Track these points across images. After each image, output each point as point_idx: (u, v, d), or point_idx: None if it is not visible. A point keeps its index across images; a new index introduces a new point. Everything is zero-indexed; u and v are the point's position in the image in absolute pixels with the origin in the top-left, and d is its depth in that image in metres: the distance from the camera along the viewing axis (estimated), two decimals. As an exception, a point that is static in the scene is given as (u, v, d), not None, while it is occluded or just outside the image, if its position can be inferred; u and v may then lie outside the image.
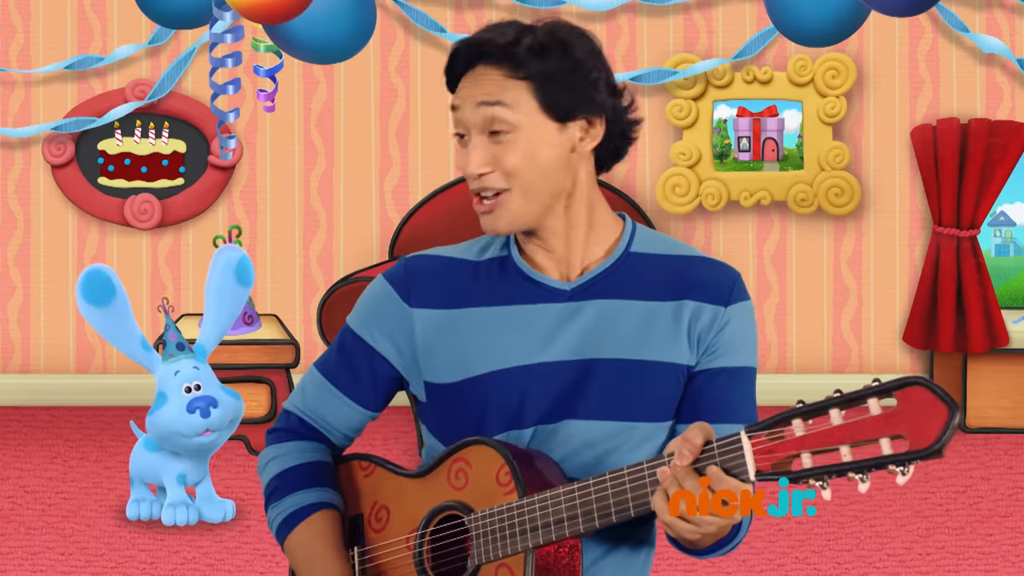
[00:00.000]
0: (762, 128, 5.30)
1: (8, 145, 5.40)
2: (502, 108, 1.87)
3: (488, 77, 1.89)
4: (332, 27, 4.21)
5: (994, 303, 5.06)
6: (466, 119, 1.89)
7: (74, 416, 5.24)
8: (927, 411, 1.41)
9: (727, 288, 1.93)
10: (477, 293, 1.92)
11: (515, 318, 1.90)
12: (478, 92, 1.88)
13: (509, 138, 1.87)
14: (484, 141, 1.88)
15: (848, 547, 3.92)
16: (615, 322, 1.87)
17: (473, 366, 1.89)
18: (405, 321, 1.94)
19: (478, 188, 1.88)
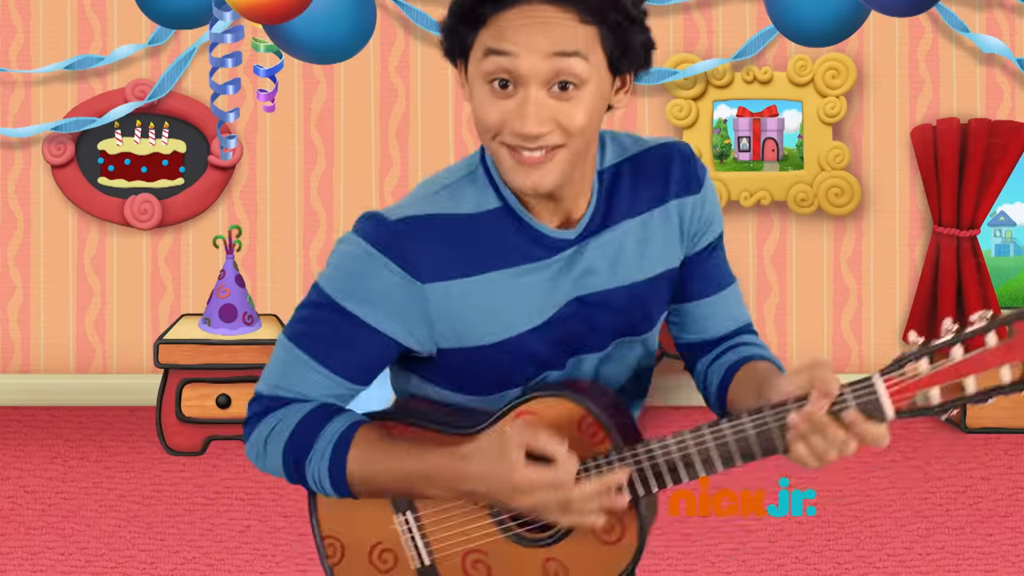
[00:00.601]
0: (762, 128, 5.30)
1: (8, 145, 5.40)
2: (579, 60, 1.66)
3: (557, 19, 1.66)
4: (332, 27, 4.21)
5: (994, 303, 5.06)
6: (523, 68, 1.66)
7: (74, 416, 5.24)
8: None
9: (692, 171, 1.88)
10: (489, 254, 1.77)
11: (534, 275, 1.78)
12: (549, 39, 1.65)
13: (577, 93, 1.68)
14: (544, 95, 1.68)
15: (848, 547, 3.92)
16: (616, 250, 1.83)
17: (500, 330, 1.77)
18: (417, 299, 1.75)
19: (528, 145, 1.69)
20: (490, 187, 1.79)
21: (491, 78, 1.68)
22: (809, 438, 1.63)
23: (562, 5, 1.65)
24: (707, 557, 3.80)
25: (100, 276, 5.43)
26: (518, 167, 1.70)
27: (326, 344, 1.78)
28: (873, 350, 5.40)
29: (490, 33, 1.67)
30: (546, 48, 1.64)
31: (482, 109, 1.70)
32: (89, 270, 5.43)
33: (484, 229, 1.77)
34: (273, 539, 3.99)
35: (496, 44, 1.66)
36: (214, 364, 4.76)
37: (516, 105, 1.67)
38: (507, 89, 1.67)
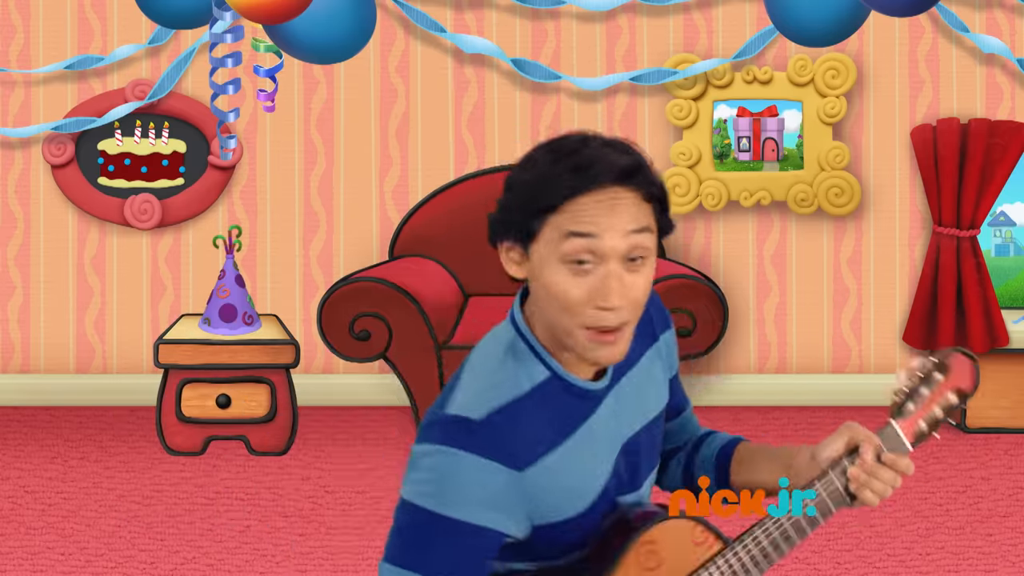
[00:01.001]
0: (762, 128, 5.30)
1: (8, 145, 5.40)
2: (648, 235, 1.84)
3: (627, 200, 1.81)
4: (332, 27, 4.21)
5: (994, 303, 5.06)
6: (605, 247, 1.79)
7: (74, 416, 5.23)
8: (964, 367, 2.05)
9: (662, 308, 2.10)
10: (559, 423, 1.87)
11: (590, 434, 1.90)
12: (625, 219, 1.80)
13: (644, 264, 1.85)
14: (621, 270, 1.82)
15: (848, 547, 3.92)
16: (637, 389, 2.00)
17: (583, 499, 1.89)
18: (519, 487, 1.82)
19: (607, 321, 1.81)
20: (536, 360, 1.88)
21: (572, 259, 1.79)
22: (871, 483, 1.97)
23: (630, 186, 1.81)
24: (707, 557, 3.80)
25: (100, 276, 5.43)
26: (598, 345, 1.83)
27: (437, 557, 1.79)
28: (873, 350, 5.40)
29: (567, 217, 1.79)
30: (624, 227, 1.79)
31: (561, 289, 1.80)
32: (89, 270, 5.43)
33: (543, 402, 1.86)
34: (273, 539, 3.99)
35: (577, 227, 1.78)
36: (214, 364, 4.76)
37: (598, 281, 1.79)
38: (584, 266, 1.79)
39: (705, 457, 2.15)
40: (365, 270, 5.03)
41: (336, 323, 4.71)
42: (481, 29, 5.37)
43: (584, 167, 1.79)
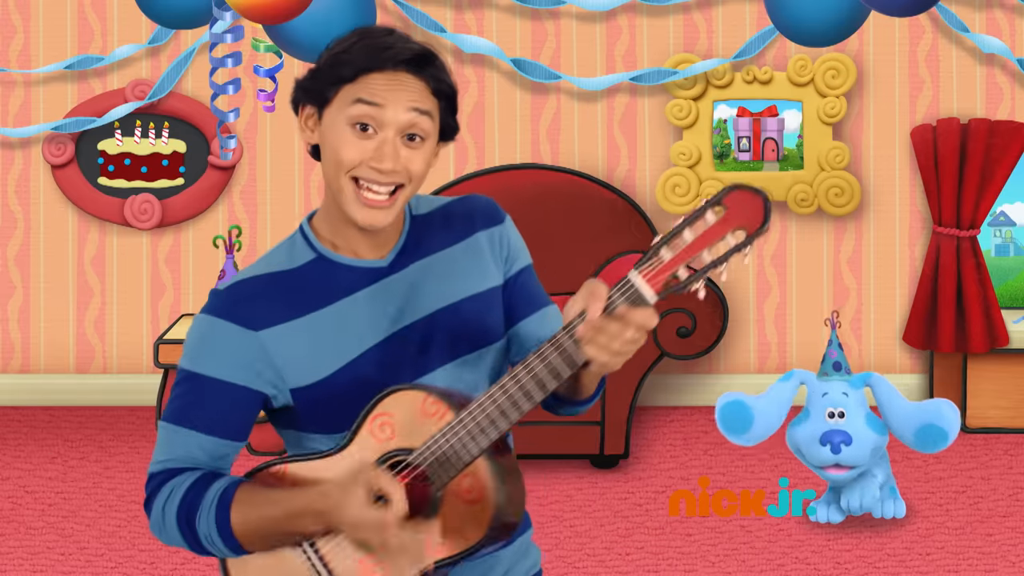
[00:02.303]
0: (762, 128, 5.30)
1: (8, 145, 5.40)
2: (428, 119, 2.03)
3: (414, 86, 2.02)
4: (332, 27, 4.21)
5: (994, 303, 5.06)
6: (387, 116, 1.99)
7: (74, 416, 5.24)
8: (749, 204, 1.85)
9: (492, 210, 2.21)
10: (311, 298, 2.05)
11: (353, 306, 2.05)
12: (411, 97, 2.01)
13: (421, 145, 2.03)
14: (398, 141, 2.01)
15: (848, 547, 3.92)
16: (433, 276, 2.10)
17: (334, 359, 2.02)
18: (257, 347, 2.01)
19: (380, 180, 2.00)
20: (305, 245, 2.09)
21: (356, 121, 2.01)
22: (596, 338, 1.88)
23: (419, 76, 2.03)
24: (707, 557, 3.79)
25: (100, 276, 5.43)
26: (362, 205, 2.02)
27: (193, 410, 2.01)
28: (873, 350, 5.40)
29: (358, 87, 2.01)
30: (407, 104, 2.01)
31: (342, 147, 2.02)
32: (89, 270, 5.43)
33: (303, 278, 2.06)
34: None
35: (366, 96, 2.01)
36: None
37: (376, 145, 2.00)
38: (367, 132, 2.01)
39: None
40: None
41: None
42: (481, 29, 5.37)
43: (381, 48, 2.02)
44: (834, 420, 3.99)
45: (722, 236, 1.85)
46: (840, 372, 4.07)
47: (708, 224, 1.85)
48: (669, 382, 5.36)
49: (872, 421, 4.02)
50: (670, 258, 1.86)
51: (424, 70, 2.04)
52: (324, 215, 2.11)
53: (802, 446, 3.99)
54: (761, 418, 3.99)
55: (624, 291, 1.89)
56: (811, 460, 3.99)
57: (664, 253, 1.86)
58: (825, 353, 4.14)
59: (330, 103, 2.05)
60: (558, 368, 1.91)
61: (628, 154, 5.39)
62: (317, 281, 2.06)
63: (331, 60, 2.04)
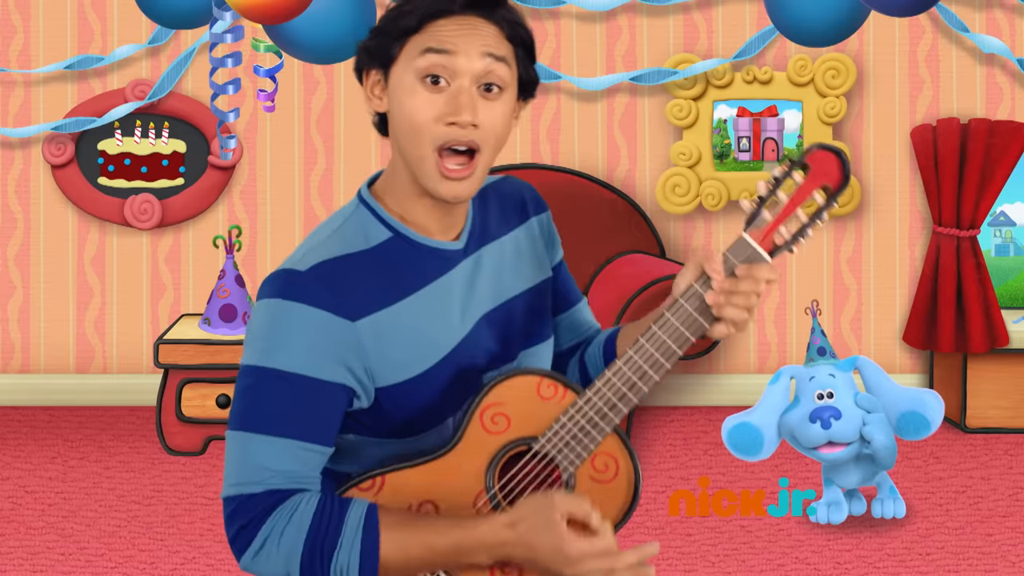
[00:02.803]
0: (762, 128, 5.30)
1: (8, 145, 5.40)
2: (505, 66, 1.85)
3: (487, 31, 1.85)
4: (332, 27, 4.21)
5: (994, 303, 5.06)
6: (459, 64, 1.82)
7: (74, 416, 5.24)
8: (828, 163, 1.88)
9: (535, 196, 2.10)
10: (399, 281, 1.85)
11: (441, 293, 1.89)
12: (484, 42, 1.83)
13: (500, 96, 1.86)
14: (475, 92, 1.84)
15: (848, 547, 3.92)
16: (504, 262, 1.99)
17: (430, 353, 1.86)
18: (353, 339, 1.79)
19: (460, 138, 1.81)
20: (376, 220, 1.88)
21: (426, 74, 1.82)
22: (732, 299, 1.88)
23: (491, 20, 1.85)
24: (707, 557, 3.79)
25: (100, 276, 5.43)
26: (443, 179, 1.83)
27: (275, 413, 1.75)
28: (873, 350, 5.40)
29: (425, 37, 1.83)
30: (480, 49, 1.82)
31: (413, 106, 1.82)
32: (89, 270, 5.43)
33: (384, 260, 1.85)
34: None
35: (435, 43, 1.81)
36: (214, 364, 4.76)
37: (450, 97, 1.81)
38: (439, 84, 1.81)
39: (594, 353, 2.12)
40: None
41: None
42: (481, 29, 5.37)
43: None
44: (823, 401, 4.01)
45: (810, 194, 1.89)
46: (825, 356, 4.10)
47: (796, 184, 1.89)
48: (669, 382, 5.36)
49: (861, 398, 4.03)
50: (772, 218, 1.90)
51: (495, 12, 1.87)
52: (390, 185, 1.91)
53: (795, 430, 4.00)
54: (768, 431, 4.00)
55: (740, 252, 1.90)
56: (804, 442, 3.99)
57: (765, 214, 1.90)
58: (809, 341, 4.17)
59: (396, 60, 1.85)
60: (687, 334, 1.88)
61: (628, 154, 5.39)
62: (402, 263, 1.87)
63: (394, 13, 1.87)
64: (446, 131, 1.81)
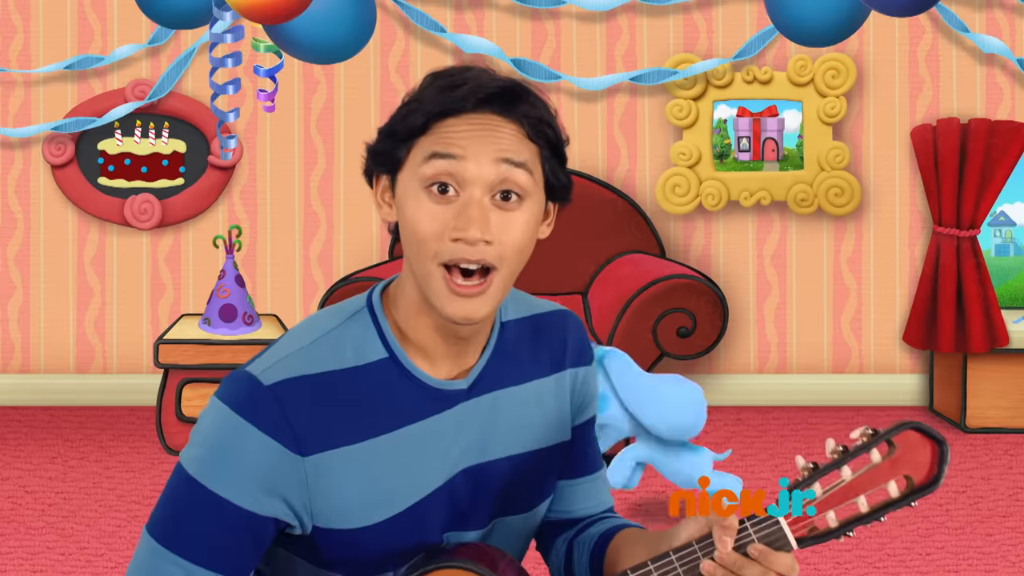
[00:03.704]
0: (762, 128, 5.30)
1: (8, 145, 5.40)
2: (524, 172, 1.60)
3: (505, 130, 1.61)
4: (332, 27, 4.21)
5: (994, 303, 5.06)
6: (469, 172, 1.58)
7: (74, 416, 5.23)
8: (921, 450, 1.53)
9: (585, 343, 1.83)
10: (373, 415, 1.62)
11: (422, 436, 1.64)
12: (497, 146, 1.59)
13: (519, 206, 1.61)
14: (487, 202, 1.59)
15: (848, 547, 3.92)
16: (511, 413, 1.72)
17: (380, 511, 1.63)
18: (299, 474, 1.58)
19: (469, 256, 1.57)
20: (375, 334, 1.65)
21: (432, 182, 1.59)
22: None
23: (509, 117, 1.61)
24: (707, 557, 3.79)
25: (100, 276, 5.43)
26: (452, 296, 1.59)
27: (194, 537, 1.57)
28: (873, 350, 5.40)
29: (432, 139, 1.60)
30: (494, 153, 1.58)
31: (416, 218, 1.59)
32: (89, 270, 5.43)
33: (367, 384, 1.62)
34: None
35: (441, 148, 1.58)
36: (214, 364, 4.76)
37: (458, 210, 1.57)
38: (447, 194, 1.58)
39: (588, 536, 1.84)
40: (365, 270, 5.03)
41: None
42: (481, 29, 5.37)
43: (455, 87, 1.61)
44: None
45: (884, 482, 1.54)
46: None
47: (871, 463, 1.54)
48: (669, 382, 5.36)
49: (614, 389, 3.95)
50: (823, 498, 1.55)
51: (515, 108, 1.62)
52: (401, 296, 1.67)
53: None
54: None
55: (764, 528, 1.58)
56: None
57: (817, 488, 1.55)
58: None
59: (403, 165, 1.63)
60: None
61: (628, 154, 5.39)
62: (387, 393, 1.63)
63: (401, 113, 1.65)
64: (453, 248, 1.57)
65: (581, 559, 1.83)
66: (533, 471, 1.75)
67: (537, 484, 1.77)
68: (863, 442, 1.53)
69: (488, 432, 1.70)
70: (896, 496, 1.53)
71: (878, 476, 1.53)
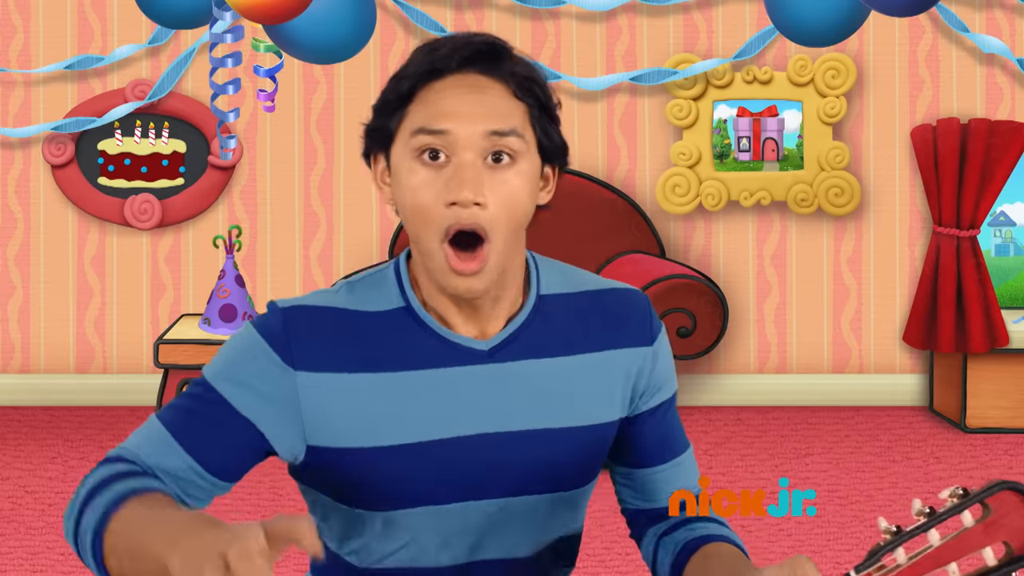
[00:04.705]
0: (762, 128, 5.30)
1: (8, 145, 5.40)
2: (514, 138, 1.60)
3: (493, 91, 1.60)
4: (332, 27, 4.21)
5: (994, 303, 5.06)
6: (458, 136, 1.58)
7: (74, 416, 5.23)
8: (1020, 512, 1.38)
9: (647, 323, 1.76)
10: (380, 354, 1.65)
11: (429, 384, 1.65)
12: (484, 110, 1.59)
13: (513, 166, 1.61)
14: (479, 163, 1.59)
15: (848, 547, 3.92)
16: (541, 386, 1.68)
17: (381, 435, 1.64)
18: (286, 385, 1.63)
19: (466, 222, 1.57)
20: (396, 287, 1.68)
21: (423, 150, 1.59)
22: None
23: (495, 76, 1.60)
24: (707, 557, 3.79)
25: (100, 276, 5.43)
26: (453, 273, 1.60)
27: (188, 422, 1.64)
28: (873, 350, 5.40)
29: (418, 107, 1.61)
30: (482, 122, 1.58)
31: (411, 186, 1.59)
32: (89, 270, 5.43)
33: (378, 328, 1.65)
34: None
35: (427, 118, 1.59)
36: (214, 364, 4.75)
37: (450, 174, 1.58)
38: (438, 160, 1.59)
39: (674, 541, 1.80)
40: (365, 270, 5.03)
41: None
42: (481, 29, 5.36)
43: (437, 48, 1.60)
44: None
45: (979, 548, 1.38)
46: None
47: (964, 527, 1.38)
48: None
49: None
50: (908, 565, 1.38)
51: (499, 66, 1.61)
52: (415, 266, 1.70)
53: None
54: None
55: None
56: None
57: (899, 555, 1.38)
58: None
59: (395, 138, 1.65)
60: None
61: (628, 154, 5.39)
62: (394, 337, 1.66)
63: (389, 83, 1.66)
64: (449, 214, 1.58)
65: (664, 562, 1.80)
66: (565, 449, 1.70)
67: (570, 463, 1.72)
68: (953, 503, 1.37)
69: (509, 402, 1.67)
70: (994, 565, 1.37)
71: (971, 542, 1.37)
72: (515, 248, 1.65)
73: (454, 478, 1.67)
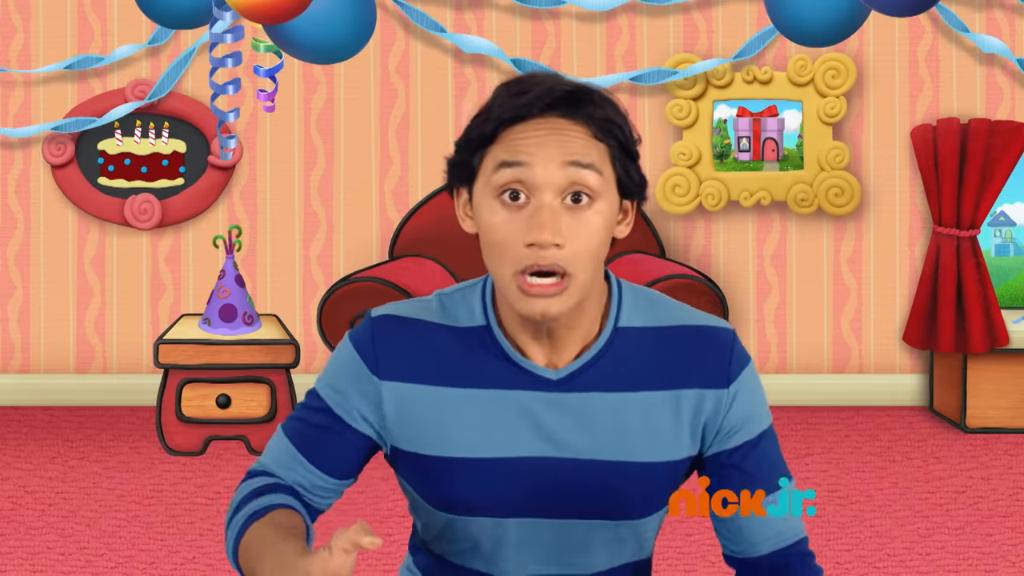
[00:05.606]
0: (762, 128, 5.30)
1: (8, 145, 5.40)
2: (593, 173, 1.64)
3: (571, 133, 1.65)
4: (332, 27, 4.21)
5: (994, 303, 5.06)
6: (537, 178, 1.63)
7: (74, 416, 5.23)
8: None
9: (725, 363, 1.76)
10: (456, 370, 1.74)
11: (497, 403, 1.73)
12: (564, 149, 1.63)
13: (591, 207, 1.65)
14: (558, 204, 1.64)
15: (848, 547, 3.92)
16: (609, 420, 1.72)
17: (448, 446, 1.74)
18: (372, 392, 1.76)
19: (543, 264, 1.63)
20: (480, 305, 1.76)
21: (502, 190, 1.65)
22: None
23: (575, 119, 1.65)
24: (707, 557, 3.79)
25: (100, 276, 5.43)
26: (526, 297, 1.65)
27: (304, 433, 1.81)
28: (873, 350, 5.40)
29: (501, 148, 1.66)
30: (561, 157, 1.63)
31: (491, 226, 1.66)
32: (89, 270, 5.43)
33: (460, 343, 1.75)
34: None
35: (509, 156, 1.64)
36: (214, 364, 4.76)
37: (529, 214, 1.63)
38: (518, 201, 1.64)
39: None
40: (365, 270, 5.03)
41: (336, 323, 4.70)
42: (481, 29, 5.37)
43: (522, 93, 1.66)
44: None
45: None
46: None
47: None
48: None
49: None
50: None
51: (580, 109, 1.65)
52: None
53: None
54: None
55: None
56: None
57: None
58: None
59: (477, 176, 1.69)
60: None
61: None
62: (472, 355, 1.74)
63: (473, 122, 1.70)
64: (527, 253, 1.63)
65: None
66: (625, 481, 1.73)
67: (631, 495, 1.75)
68: None
69: (573, 430, 1.72)
70: None
71: None
72: (593, 281, 1.69)
73: (513, 495, 1.75)
